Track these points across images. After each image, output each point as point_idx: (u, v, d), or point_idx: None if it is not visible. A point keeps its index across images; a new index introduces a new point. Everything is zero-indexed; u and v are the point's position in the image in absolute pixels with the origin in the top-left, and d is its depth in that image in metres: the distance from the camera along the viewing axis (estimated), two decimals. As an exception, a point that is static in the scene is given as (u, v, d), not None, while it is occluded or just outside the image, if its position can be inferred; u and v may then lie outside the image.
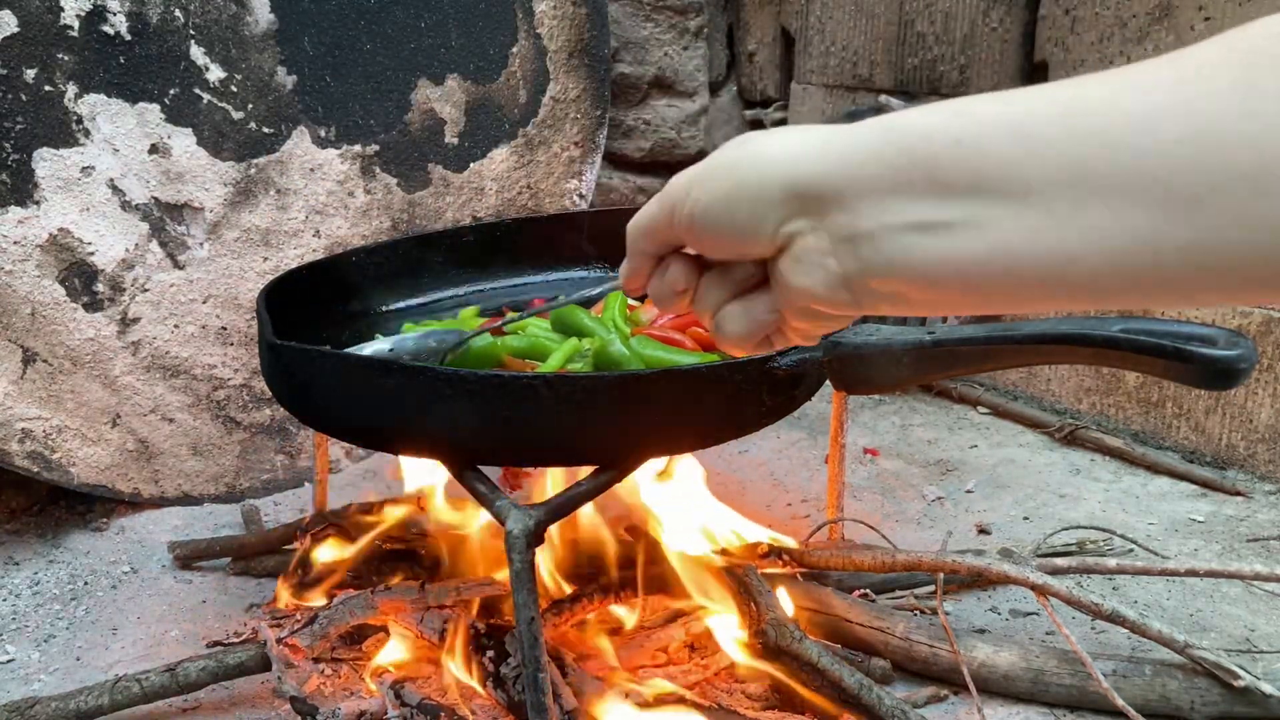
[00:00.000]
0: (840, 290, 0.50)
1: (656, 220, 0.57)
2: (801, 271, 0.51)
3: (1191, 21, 1.83)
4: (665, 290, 0.60)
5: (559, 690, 1.14)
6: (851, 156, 0.48)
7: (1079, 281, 0.44)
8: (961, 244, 0.45)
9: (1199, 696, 1.18)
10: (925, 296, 0.48)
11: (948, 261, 0.46)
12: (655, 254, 0.60)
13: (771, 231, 0.51)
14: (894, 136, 0.47)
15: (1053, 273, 0.44)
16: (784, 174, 0.50)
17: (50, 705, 1.20)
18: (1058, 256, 0.44)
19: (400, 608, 1.30)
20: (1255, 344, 1.43)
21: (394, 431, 1.04)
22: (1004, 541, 1.62)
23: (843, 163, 0.48)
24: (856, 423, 2.13)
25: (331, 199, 1.89)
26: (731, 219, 0.52)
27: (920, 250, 0.46)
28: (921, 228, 0.46)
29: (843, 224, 0.48)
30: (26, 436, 1.65)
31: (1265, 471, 1.82)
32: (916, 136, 0.47)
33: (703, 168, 0.54)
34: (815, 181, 0.49)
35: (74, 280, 1.67)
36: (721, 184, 0.53)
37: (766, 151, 0.51)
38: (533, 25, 2.07)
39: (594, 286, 0.86)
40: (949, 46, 2.22)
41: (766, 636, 1.23)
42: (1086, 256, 0.43)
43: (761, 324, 0.56)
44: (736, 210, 0.52)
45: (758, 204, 0.51)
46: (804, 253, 0.50)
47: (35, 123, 1.62)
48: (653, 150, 2.62)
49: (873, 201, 0.47)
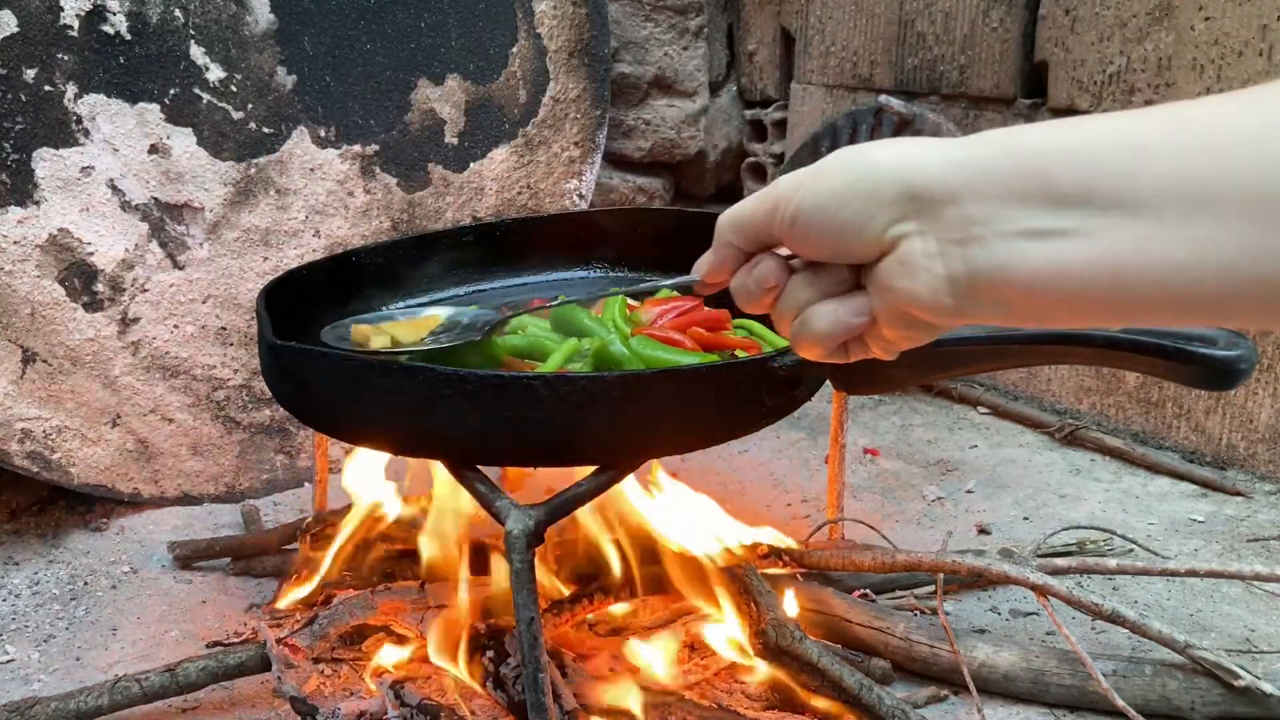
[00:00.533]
0: (944, 295, 0.51)
1: (756, 215, 0.58)
2: (906, 274, 0.52)
3: (1191, 21, 1.83)
4: (752, 286, 0.60)
5: (559, 690, 1.14)
6: (969, 163, 0.50)
7: (1185, 293, 0.45)
8: (1072, 251, 0.47)
9: (1199, 696, 1.18)
10: (1029, 304, 0.49)
11: (1057, 268, 0.47)
12: (747, 250, 0.60)
13: (879, 232, 0.52)
14: (1011, 147, 0.49)
15: (1159, 283, 0.45)
16: (899, 175, 0.51)
17: (50, 705, 1.20)
18: (1165, 267, 0.45)
19: (400, 608, 1.30)
20: (1255, 344, 1.43)
21: (394, 431, 1.04)
22: (1004, 541, 1.62)
23: (960, 168, 0.50)
24: (856, 423, 2.13)
25: (331, 199, 1.89)
26: (839, 217, 0.53)
27: (1031, 256, 0.48)
28: (1034, 234, 0.47)
29: (955, 227, 0.50)
30: (26, 436, 1.65)
31: (1265, 471, 1.82)
32: (1033, 148, 0.48)
33: (814, 168, 0.55)
34: (931, 184, 0.50)
35: (74, 280, 1.67)
36: (833, 182, 0.54)
37: (882, 154, 0.53)
38: (533, 25, 2.07)
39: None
40: (949, 46, 2.22)
41: (766, 636, 1.23)
42: (1194, 268, 0.44)
43: (848, 327, 0.57)
44: (845, 209, 0.53)
45: (869, 203, 0.52)
46: (910, 255, 0.51)
47: (35, 123, 1.62)
48: (653, 150, 2.62)
49: (988, 207, 0.49)
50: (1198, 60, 1.83)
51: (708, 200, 2.85)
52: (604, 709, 1.16)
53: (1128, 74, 1.94)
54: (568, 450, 1.02)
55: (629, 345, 1.14)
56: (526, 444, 1.00)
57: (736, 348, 1.24)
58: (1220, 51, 1.80)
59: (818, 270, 0.57)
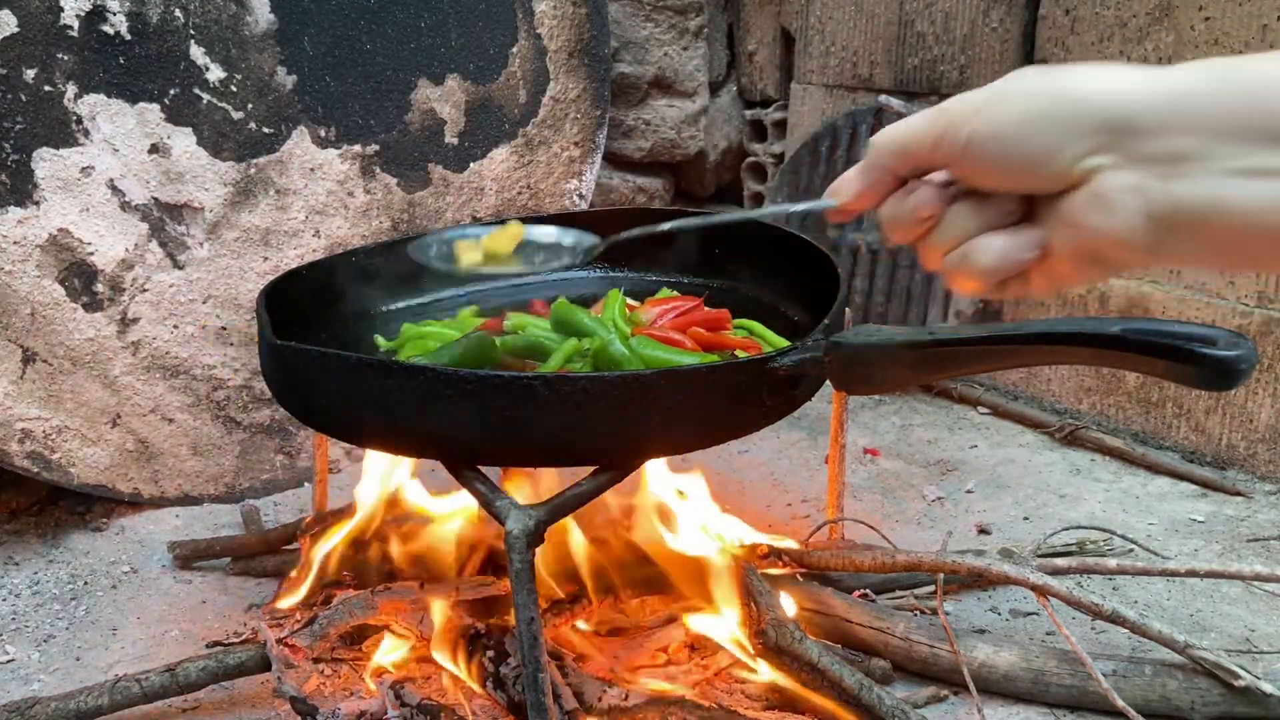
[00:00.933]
0: (1140, 233, 0.48)
1: (922, 139, 0.54)
2: (1100, 209, 0.48)
3: (1192, 21, 1.83)
4: (905, 214, 0.56)
5: (559, 690, 1.14)
6: (1182, 93, 0.46)
7: None
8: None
9: (1199, 696, 1.18)
10: (1235, 244, 0.46)
11: (1273, 209, 0.44)
12: (903, 174, 0.56)
13: (1069, 164, 0.49)
14: (1235, 78, 0.46)
15: None
16: (1099, 104, 0.47)
17: (50, 705, 1.20)
18: None
19: (400, 608, 1.30)
20: (1255, 344, 1.43)
21: (394, 431, 1.04)
22: (1004, 541, 1.62)
23: (1172, 99, 0.46)
24: (856, 423, 2.13)
25: (331, 199, 1.89)
26: (1024, 146, 0.49)
27: (1248, 194, 0.45)
28: (1253, 173, 0.45)
29: (1160, 161, 0.46)
30: (26, 436, 1.65)
31: (1265, 471, 1.82)
32: (1260, 81, 0.45)
33: (993, 92, 0.51)
34: (1137, 114, 0.47)
35: (74, 280, 1.67)
36: (1018, 108, 0.50)
37: (1077, 81, 0.49)
38: (533, 25, 2.07)
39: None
40: (949, 46, 2.22)
41: (766, 636, 1.23)
42: None
43: (1017, 262, 0.53)
44: (1033, 138, 0.49)
45: (1061, 133, 0.48)
46: (1107, 189, 0.48)
47: (35, 123, 1.62)
48: (653, 150, 2.62)
49: (1201, 141, 0.45)
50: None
51: (708, 200, 2.85)
52: (605, 709, 1.16)
53: (1128, 74, 1.93)
54: (568, 450, 1.02)
55: (629, 345, 1.14)
56: (526, 444, 1.00)
57: (736, 348, 1.24)
58: (1220, 51, 1.80)
59: (983, 200, 0.53)
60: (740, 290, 1.46)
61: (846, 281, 1.53)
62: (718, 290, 1.47)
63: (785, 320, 1.37)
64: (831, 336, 1.15)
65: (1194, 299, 1.88)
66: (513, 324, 1.29)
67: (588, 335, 1.20)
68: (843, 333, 1.17)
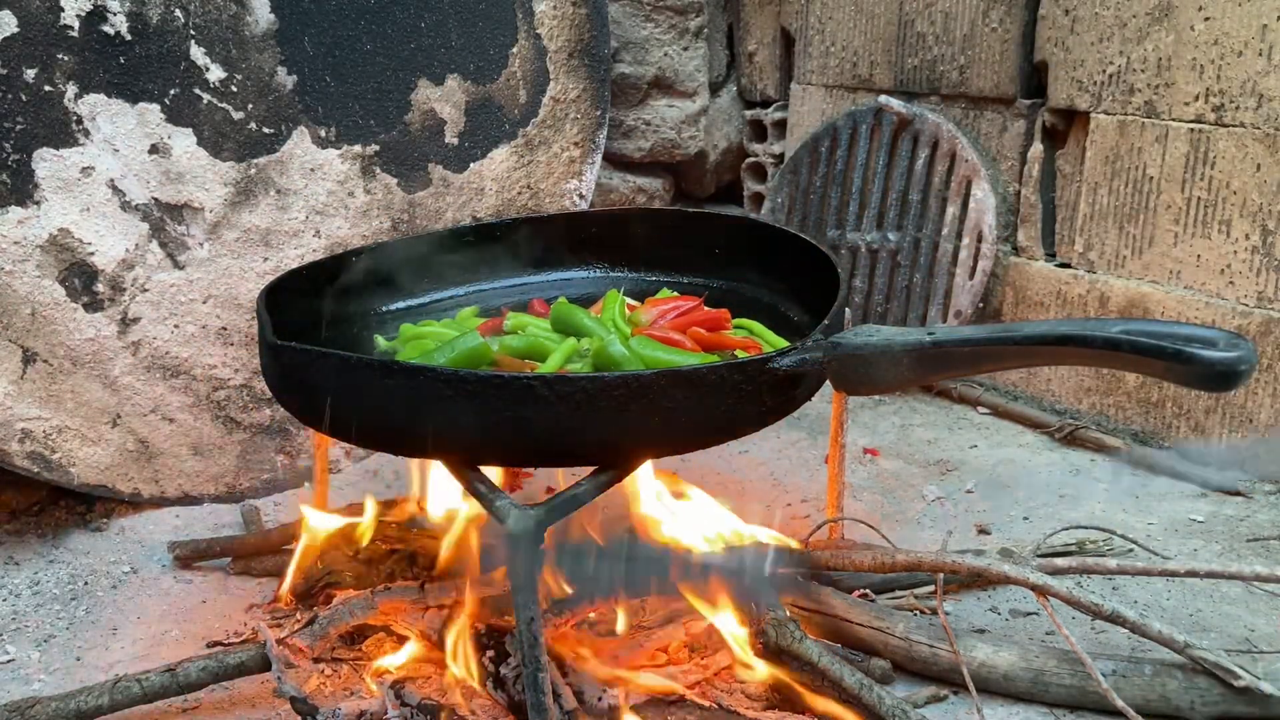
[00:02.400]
0: None
1: None
2: None
3: (1191, 21, 1.83)
4: None
5: (559, 690, 1.14)
6: None
7: None
8: None
9: (1199, 696, 1.18)
10: None
11: None
12: None
13: None
14: None
15: None
16: None
17: (50, 705, 1.20)
18: None
19: (400, 608, 1.30)
20: (1255, 345, 1.43)
21: (394, 431, 1.04)
22: (1004, 541, 1.62)
23: None
24: (856, 423, 2.13)
25: (331, 199, 1.89)
26: None
27: None
28: None
29: None
30: (26, 436, 1.66)
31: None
32: None
33: None
34: None
35: (74, 280, 1.67)
36: None
37: None
38: (533, 25, 2.07)
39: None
40: (949, 46, 2.22)
41: (766, 636, 1.23)
42: None
43: None
44: None
45: None
46: None
47: (35, 123, 1.62)
48: (653, 150, 2.62)
49: None
50: (1198, 60, 1.83)
51: (708, 200, 2.85)
52: (605, 709, 1.16)
53: (1128, 74, 1.94)
54: (568, 450, 1.02)
55: (629, 345, 1.15)
56: (526, 444, 1.00)
57: (736, 348, 1.24)
58: (1220, 51, 1.80)
59: None
60: (740, 290, 1.47)
61: (846, 281, 1.53)
62: (718, 290, 1.47)
63: (785, 320, 1.37)
64: (831, 337, 1.15)
65: (1194, 299, 1.88)
66: (513, 324, 1.29)
67: (587, 335, 1.20)
68: (843, 333, 1.17)
